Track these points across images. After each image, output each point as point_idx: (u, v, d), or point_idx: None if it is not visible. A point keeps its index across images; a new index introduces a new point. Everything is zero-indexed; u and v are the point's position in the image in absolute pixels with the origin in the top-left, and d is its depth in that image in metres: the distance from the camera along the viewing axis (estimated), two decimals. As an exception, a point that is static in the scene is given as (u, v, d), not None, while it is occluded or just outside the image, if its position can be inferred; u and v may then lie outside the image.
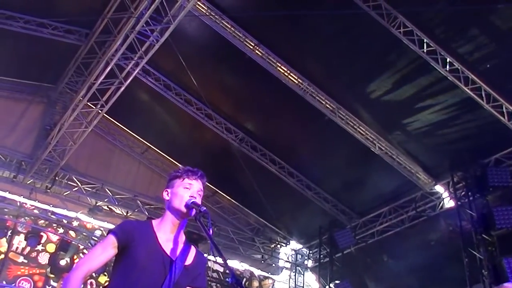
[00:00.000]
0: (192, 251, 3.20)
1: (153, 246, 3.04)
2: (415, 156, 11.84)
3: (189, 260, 3.13)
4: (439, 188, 12.15)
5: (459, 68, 9.55)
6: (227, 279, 14.78)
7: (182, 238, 3.20)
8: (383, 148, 11.72)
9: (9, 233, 12.03)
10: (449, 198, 11.97)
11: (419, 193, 12.35)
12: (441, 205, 12.17)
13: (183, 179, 3.19)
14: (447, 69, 9.52)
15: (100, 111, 10.95)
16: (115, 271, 3.02)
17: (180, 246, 3.14)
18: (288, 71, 11.16)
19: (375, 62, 10.53)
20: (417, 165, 11.91)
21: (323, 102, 11.41)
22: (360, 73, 10.91)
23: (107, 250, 3.00)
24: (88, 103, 10.88)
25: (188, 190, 3.15)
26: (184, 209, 3.09)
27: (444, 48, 9.45)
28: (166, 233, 3.12)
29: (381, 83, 10.69)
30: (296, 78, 11.20)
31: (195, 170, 3.28)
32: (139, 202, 13.83)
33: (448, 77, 9.63)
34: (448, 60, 9.51)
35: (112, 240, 3.02)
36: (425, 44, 9.38)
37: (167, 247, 3.08)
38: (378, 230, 13.23)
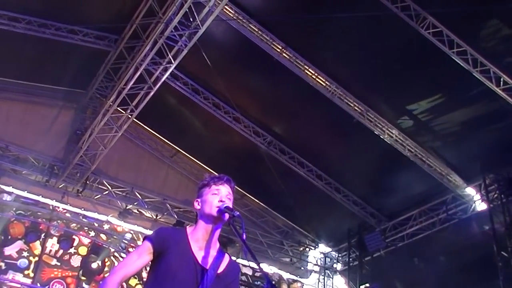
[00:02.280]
0: (226, 259, 3.22)
1: (186, 254, 3.08)
2: (445, 158, 11.67)
3: (221, 268, 3.15)
4: (470, 191, 11.94)
5: (490, 68, 9.39)
6: (256, 282, 14.79)
7: (216, 245, 3.22)
8: (412, 151, 11.59)
9: (42, 236, 12.24)
10: (480, 200, 11.76)
11: (450, 195, 12.17)
12: (472, 207, 11.97)
13: (211, 186, 3.24)
14: (478, 70, 9.37)
15: (129, 116, 11.07)
16: (149, 278, 3.08)
17: (213, 254, 3.17)
18: (316, 74, 11.12)
19: (403, 63, 10.42)
20: (448, 167, 11.73)
21: (351, 105, 11.34)
22: (388, 75, 10.81)
23: (143, 256, 3.05)
24: (118, 108, 11.02)
25: (217, 196, 3.19)
26: (215, 214, 3.13)
27: (475, 48, 9.30)
28: (199, 241, 3.16)
29: (412, 87, 10.58)
30: (324, 80, 11.16)
31: (221, 176, 3.33)
32: (168, 205, 13.94)
33: (480, 78, 9.46)
34: (479, 60, 9.35)
35: (147, 247, 3.08)
36: (455, 44, 9.24)
37: (200, 255, 3.11)
38: (408, 233, 13.07)
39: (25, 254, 12.03)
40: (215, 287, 3.05)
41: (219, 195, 3.19)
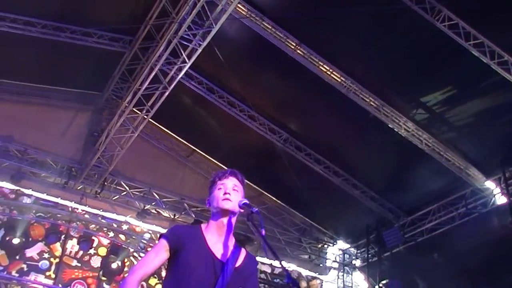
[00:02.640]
0: (242, 252, 3.24)
1: (202, 249, 3.10)
2: (463, 152, 11.55)
3: (239, 262, 3.17)
4: (490, 184, 11.80)
5: (508, 60, 9.27)
6: (275, 280, 14.79)
7: (232, 240, 3.24)
8: (430, 145, 11.49)
9: (62, 238, 12.35)
10: (500, 194, 11.62)
11: (469, 189, 12.05)
12: (492, 201, 11.83)
13: (216, 182, 3.32)
14: (496, 62, 9.25)
15: (145, 116, 11.12)
16: (167, 275, 3.10)
17: (230, 248, 3.18)
18: (331, 70, 11.07)
19: (418, 57, 10.33)
20: (466, 160, 11.61)
21: (367, 100, 11.27)
22: (403, 70, 10.73)
23: (160, 254, 3.09)
24: (134, 109, 11.08)
25: (222, 190, 3.25)
26: (222, 206, 3.18)
27: (492, 40, 9.18)
28: (214, 236, 3.18)
29: (428, 79, 10.48)
30: (339, 76, 11.10)
31: (225, 170, 3.40)
32: (186, 205, 13.99)
33: (498, 70, 9.34)
34: (496, 52, 9.23)
35: (164, 244, 3.11)
36: (471, 36, 9.13)
37: (217, 249, 3.13)
38: (427, 228, 12.97)
39: (46, 255, 12.17)
40: (234, 280, 3.05)
41: (224, 189, 3.24)
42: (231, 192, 3.22)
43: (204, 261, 3.05)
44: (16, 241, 11.73)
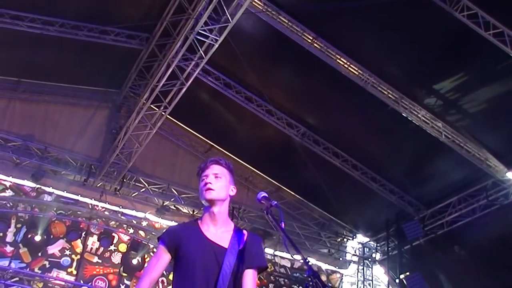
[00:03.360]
0: (244, 234, 3.21)
1: (201, 240, 3.11)
2: (484, 143, 11.40)
3: (242, 244, 3.15)
4: (511, 175, 11.66)
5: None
6: (294, 274, 14.79)
7: (230, 225, 3.24)
8: (450, 136, 11.37)
9: (83, 235, 12.47)
10: (523, 185, 11.49)
11: (490, 181, 11.89)
12: (514, 192, 11.70)
13: (200, 175, 3.30)
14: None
15: (163, 113, 11.17)
16: (174, 273, 3.15)
17: (229, 233, 3.17)
18: (348, 63, 11.00)
19: (437, 48, 10.21)
20: (487, 151, 11.47)
21: (385, 92, 11.19)
22: (422, 61, 10.62)
23: (160, 257, 3.13)
24: (152, 106, 11.13)
25: (203, 181, 3.22)
26: (205, 196, 3.17)
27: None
28: (210, 226, 3.18)
29: (444, 68, 10.38)
30: (357, 69, 11.02)
31: (206, 161, 3.41)
32: (204, 200, 13.99)
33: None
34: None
35: (161, 247, 3.17)
36: (491, 26, 9.01)
37: (217, 238, 3.13)
38: (448, 221, 12.84)
39: (67, 252, 12.31)
40: (240, 263, 3.06)
41: (205, 180, 3.21)
42: (212, 181, 3.19)
43: (205, 252, 3.05)
44: (38, 238, 11.88)
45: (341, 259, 15.66)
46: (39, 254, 12.00)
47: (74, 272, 12.20)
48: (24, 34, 10.78)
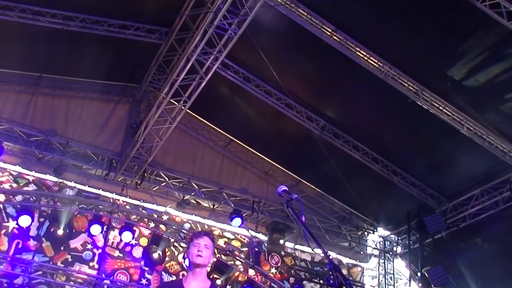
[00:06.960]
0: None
1: None
2: (507, 135, 11.23)
3: None
4: (535, 167, 11.49)
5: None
6: (315, 268, 14.77)
7: (208, 283, 4.11)
8: (472, 129, 11.21)
9: (105, 229, 12.58)
10: (547, 177, 11.30)
11: (513, 173, 11.74)
12: (538, 185, 11.50)
13: (193, 240, 4.15)
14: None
15: (183, 107, 11.20)
16: None
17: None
18: (368, 55, 10.91)
19: (460, 40, 10.07)
20: (510, 143, 11.29)
21: (406, 85, 11.07)
22: (443, 53, 10.48)
23: None
24: (171, 100, 11.16)
25: (196, 247, 4.07)
26: (195, 261, 4.04)
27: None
28: (191, 284, 4.03)
29: (467, 62, 10.23)
30: (377, 62, 10.93)
31: (200, 232, 4.65)
32: (224, 194, 14.05)
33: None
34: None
35: None
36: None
37: None
38: (470, 214, 12.68)
39: (89, 246, 12.43)
40: None
41: (197, 247, 4.06)
42: (203, 250, 4.04)
43: None
44: (60, 232, 11.98)
45: (362, 252, 15.58)
46: (62, 248, 12.12)
47: (96, 266, 12.32)
48: (45, 30, 10.89)
